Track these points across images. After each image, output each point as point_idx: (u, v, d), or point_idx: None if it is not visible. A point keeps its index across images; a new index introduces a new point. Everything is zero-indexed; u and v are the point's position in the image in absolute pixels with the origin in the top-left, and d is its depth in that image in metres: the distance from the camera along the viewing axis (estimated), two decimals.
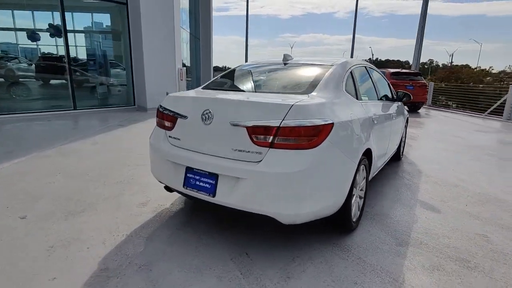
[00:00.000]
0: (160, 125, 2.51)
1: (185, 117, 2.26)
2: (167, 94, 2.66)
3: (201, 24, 15.16)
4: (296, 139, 1.86)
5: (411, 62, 17.15)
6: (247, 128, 1.95)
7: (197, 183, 2.15)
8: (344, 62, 2.76)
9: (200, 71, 15.45)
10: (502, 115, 10.00)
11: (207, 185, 2.10)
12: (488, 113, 10.77)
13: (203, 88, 2.84)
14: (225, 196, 2.03)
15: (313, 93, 2.24)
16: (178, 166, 2.28)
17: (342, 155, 2.08)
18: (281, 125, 1.87)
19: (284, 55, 3.01)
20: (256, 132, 1.93)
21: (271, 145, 1.90)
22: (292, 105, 1.91)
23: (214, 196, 2.06)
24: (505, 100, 10.02)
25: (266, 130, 1.90)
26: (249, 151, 1.97)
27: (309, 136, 1.87)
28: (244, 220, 2.61)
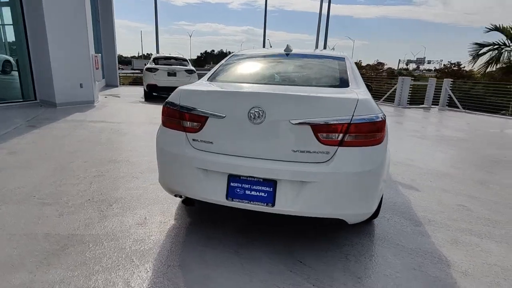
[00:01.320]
0: (175, 126, 2.05)
1: (221, 116, 1.90)
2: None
3: (100, 4, 13.04)
4: (366, 136, 1.79)
5: None
6: (313, 126, 1.77)
7: (248, 192, 1.86)
8: (346, 55, 2.79)
9: (103, 59, 13.36)
10: (394, 101, 12.08)
11: (263, 194, 1.84)
12: (383, 100, 12.85)
13: (211, 81, 2.45)
14: (288, 204, 1.81)
15: (351, 87, 2.19)
16: (214, 174, 1.92)
17: (387, 149, 2.12)
18: (352, 121, 1.76)
19: (287, 45, 2.85)
20: (324, 130, 1.77)
21: (341, 143, 1.78)
22: (358, 99, 1.82)
23: (273, 205, 1.82)
24: (395, 89, 12.10)
25: (335, 127, 1.76)
26: (314, 151, 1.79)
27: (376, 131, 1.82)
28: (269, 223, 2.42)
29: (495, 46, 11.76)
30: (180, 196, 2.18)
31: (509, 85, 11.18)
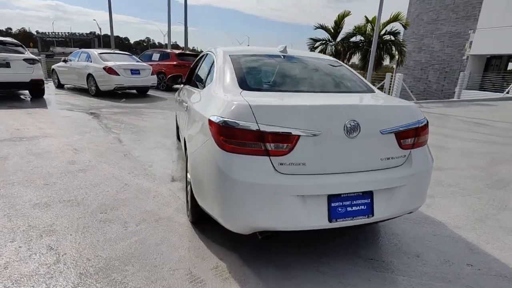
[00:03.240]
0: (252, 151, 1.68)
1: (316, 134, 1.70)
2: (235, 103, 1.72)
3: None
4: (425, 136, 2.06)
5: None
6: (396, 133, 1.88)
7: (349, 209, 1.79)
8: (335, 59, 2.98)
9: None
10: None
11: (363, 207, 1.82)
12: None
13: (248, 89, 2.04)
14: (382, 211, 1.88)
15: (377, 92, 2.39)
16: (313, 198, 1.73)
17: None
18: (419, 125, 1.98)
19: (284, 46, 2.71)
20: (404, 136, 1.91)
21: (412, 146, 1.98)
22: (415, 106, 2.05)
23: (372, 215, 1.84)
24: (383, 85, 12.86)
25: (411, 132, 1.94)
26: (396, 157, 1.92)
27: (427, 132, 2.12)
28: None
29: (323, 42, 14.92)
30: (261, 233, 1.81)
31: None
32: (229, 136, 1.70)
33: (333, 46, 15.25)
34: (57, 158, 3.72)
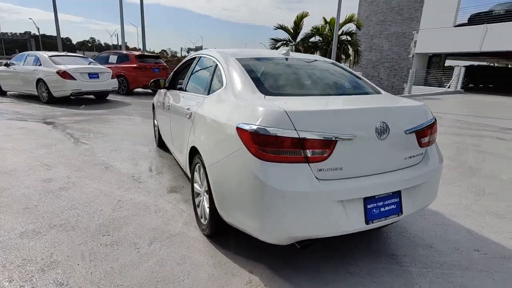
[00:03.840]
0: (290, 158, 1.63)
1: (351, 137, 1.70)
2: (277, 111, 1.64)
3: None
4: (436, 134, 2.17)
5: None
6: (417, 132, 1.95)
7: (382, 209, 1.83)
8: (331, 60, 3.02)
9: None
10: None
11: (393, 206, 1.87)
12: None
13: (270, 94, 1.97)
14: (409, 208, 1.94)
15: (384, 93, 2.46)
16: (351, 202, 1.73)
17: None
18: (432, 124, 2.08)
19: (286, 50, 2.67)
20: (422, 135, 2.00)
21: (428, 144, 2.08)
22: (424, 104, 2.15)
23: (401, 213, 1.90)
24: None
25: (427, 130, 2.03)
26: (416, 155, 2.00)
27: (436, 130, 2.23)
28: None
29: (284, 42, 15.19)
30: (300, 242, 1.75)
31: None
32: (266, 144, 1.62)
33: (293, 46, 15.63)
34: (29, 177, 3.29)
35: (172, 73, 3.91)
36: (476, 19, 15.41)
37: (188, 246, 2.18)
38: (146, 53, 12.15)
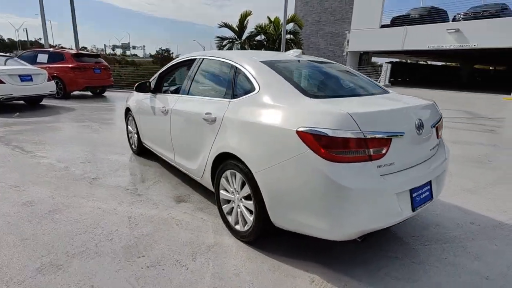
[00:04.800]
0: (357, 158, 1.72)
1: (401, 134, 1.86)
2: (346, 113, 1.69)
3: None
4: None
5: None
6: (436, 126, 2.22)
7: (421, 196, 2.04)
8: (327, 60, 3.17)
9: None
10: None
11: (427, 193, 2.10)
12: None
13: (314, 97, 2.01)
14: (436, 193, 2.20)
15: (392, 92, 2.69)
16: (403, 193, 1.90)
17: None
18: (441, 118, 2.38)
19: (299, 51, 2.73)
20: (439, 127, 2.28)
21: (441, 136, 2.37)
22: (433, 101, 2.44)
23: (433, 198, 2.14)
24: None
25: (441, 124, 2.32)
26: (435, 146, 2.27)
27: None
28: None
29: (230, 40, 15.15)
30: (361, 237, 1.85)
31: None
32: (335, 146, 1.68)
33: (239, 44, 15.71)
34: (1, 202, 2.76)
35: (156, 76, 3.66)
36: (397, 21, 17.51)
37: (234, 256, 2.12)
38: (84, 52, 10.94)
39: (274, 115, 1.99)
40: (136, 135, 4.18)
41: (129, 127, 4.48)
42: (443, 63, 38.18)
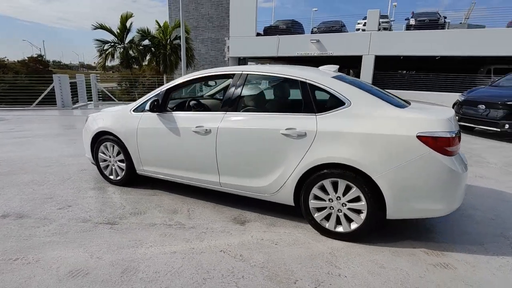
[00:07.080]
0: (455, 152, 2.31)
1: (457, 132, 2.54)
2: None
3: None
4: None
5: None
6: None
7: None
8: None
9: None
10: (56, 104, 10.36)
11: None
12: (37, 104, 10.40)
13: (398, 107, 2.44)
14: None
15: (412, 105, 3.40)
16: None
17: None
18: None
19: (334, 68, 3.06)
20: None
21: None
22: None
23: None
24: (53, 89, 10.30)
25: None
26: None
27: None
28: None
29: (112, 44, 13.40)
30: None
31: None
32: (450, 144, 2.20)
33: (122, 49, 14.03)
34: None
35: (162, 93, 3.21)
36: (269, 31, 19.78)
37: (361, 254, 2.32)
38: None
39: (382, 124, 2.32)
40: (124, 163, 3.51)
41: (102, 155, 3.68)
42: None
